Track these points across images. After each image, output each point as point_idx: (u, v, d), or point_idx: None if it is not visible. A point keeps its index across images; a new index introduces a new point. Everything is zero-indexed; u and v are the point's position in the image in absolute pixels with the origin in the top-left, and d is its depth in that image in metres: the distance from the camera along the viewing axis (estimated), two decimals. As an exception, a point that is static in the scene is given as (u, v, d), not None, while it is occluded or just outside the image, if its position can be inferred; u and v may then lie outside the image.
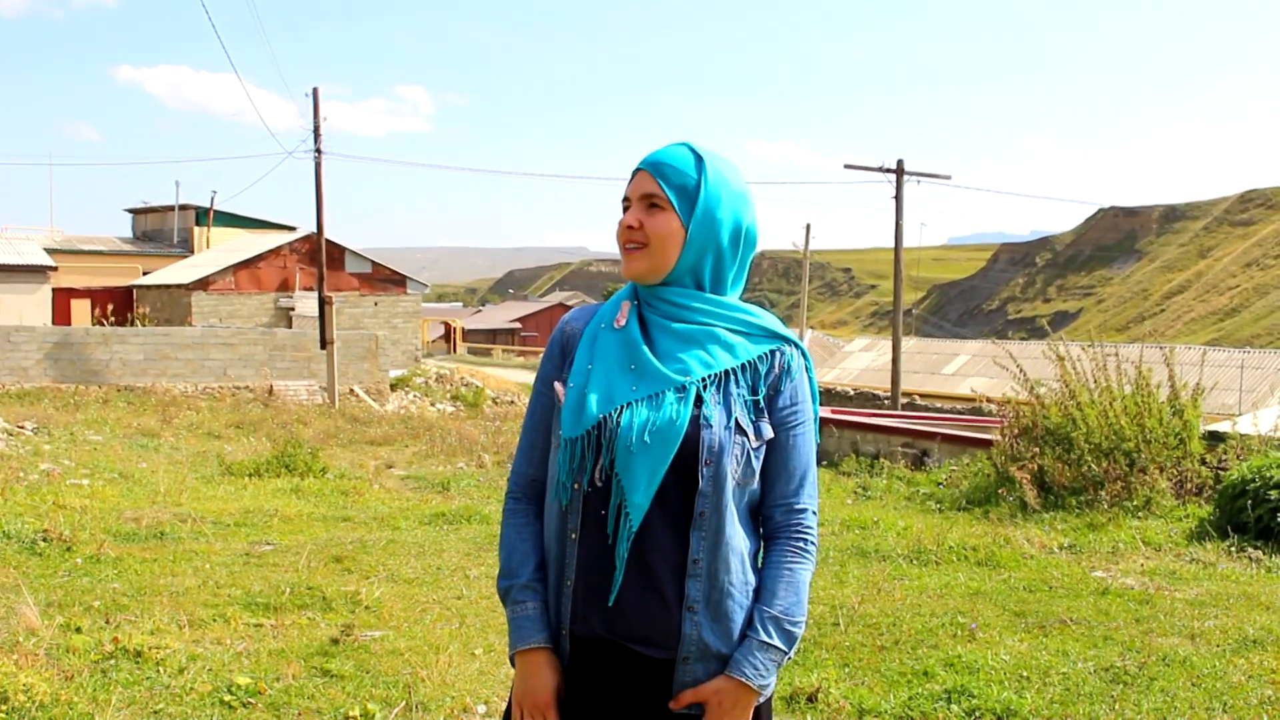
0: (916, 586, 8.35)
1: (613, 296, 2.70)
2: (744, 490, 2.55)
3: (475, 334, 79.66)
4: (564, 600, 2.57)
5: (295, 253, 43.37)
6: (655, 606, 2.50)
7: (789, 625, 2.54)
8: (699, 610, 2.50)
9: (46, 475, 13.41)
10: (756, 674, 2.51)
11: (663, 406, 2.48)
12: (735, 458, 2.51)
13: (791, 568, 2.57)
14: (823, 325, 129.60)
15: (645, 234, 2.56)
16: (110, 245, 54.61)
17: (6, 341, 27.51)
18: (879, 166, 34.02)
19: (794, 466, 2.60)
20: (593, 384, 2.55)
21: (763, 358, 2.59)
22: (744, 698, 2.52)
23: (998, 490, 12.59)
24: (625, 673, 2.54)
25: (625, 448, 2.47)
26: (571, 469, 2.53)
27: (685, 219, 2.57)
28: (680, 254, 2.58)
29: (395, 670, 6.11)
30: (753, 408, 2.56)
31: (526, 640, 2.58)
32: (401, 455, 19.24)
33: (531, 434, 2.70)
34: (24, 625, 6.42)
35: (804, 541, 2.60)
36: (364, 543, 9.93)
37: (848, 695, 5.78)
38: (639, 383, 2.52)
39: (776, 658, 2.53)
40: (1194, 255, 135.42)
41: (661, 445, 2.46)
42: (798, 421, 2.61)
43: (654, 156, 2.60)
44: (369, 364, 32.35)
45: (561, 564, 2.57)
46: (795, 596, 2.56)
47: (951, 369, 41.12)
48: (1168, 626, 7.19)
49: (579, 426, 2.51)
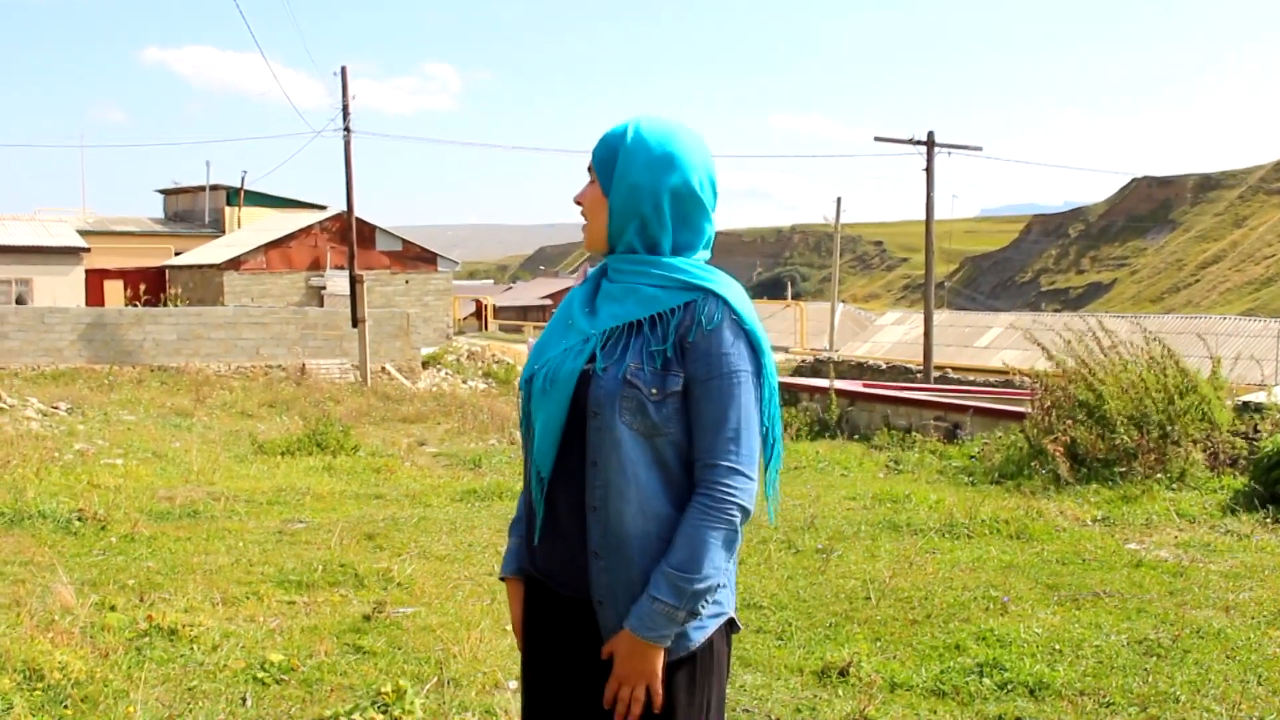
0: (948, 560, 8.32)
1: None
2: (650, 441, 2.58)
3: (506, 311, 79.65)
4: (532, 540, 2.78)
5: (326, 231, 43.49)
6: (563, 549, 2.67)
7: (680, 581, 2.53)
8: (602, 555, 2.60)
9: (81, 455, 13.51)
10: (643, 626, 2.54)
11: (563, 360, 2.63)
12: (627, 409, 2.55)
13: (697, 525, 2.55)
14: (855, 299, 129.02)
15: (584, 207, 2.75)
16: (142, 226, 54.85)
17: (41, 323, 27.69)
18: (909, 139, 33.82)
19: (709, 421, 2.58)
20: (539, 341, 2.76)
21: (675, 309, 2.61)
22: (636, 649, 2.56)
23: (1030, 463, 12.52)
24: (556, 610, 2.72)
25: (533, 399, 2.68)
26: (521, 419, 2.78)
27: (605, 188, 2.70)
28: (608, 222, 2.70)
29: (427, 646, 6.14)
30: (659, 358, 2.58)
31: (503, 570, 2.91)
32: (433, 433, 19.30)
33: None
34: (60, 604, 6.48)
35: (711, 498, 2.56)
36: (396, 520, 9.97)
37: (879, 669, 5.77)
38: (566, 338, 2.68)
39: (665, 611, 2.54)
40: (1229, 224, 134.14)
41: (554, 396, 2.61)
42: (713, 374, 2.58)
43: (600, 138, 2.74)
44: (400, 342, 32.43)
45: (529, 507, 2.77)
46: (690, 552, 2.54)
47: (984, 342, 40.91)
48: (1202, 599, 7.14)
49: (521, 380, 2.77)
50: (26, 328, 27.44)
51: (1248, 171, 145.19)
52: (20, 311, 28.81)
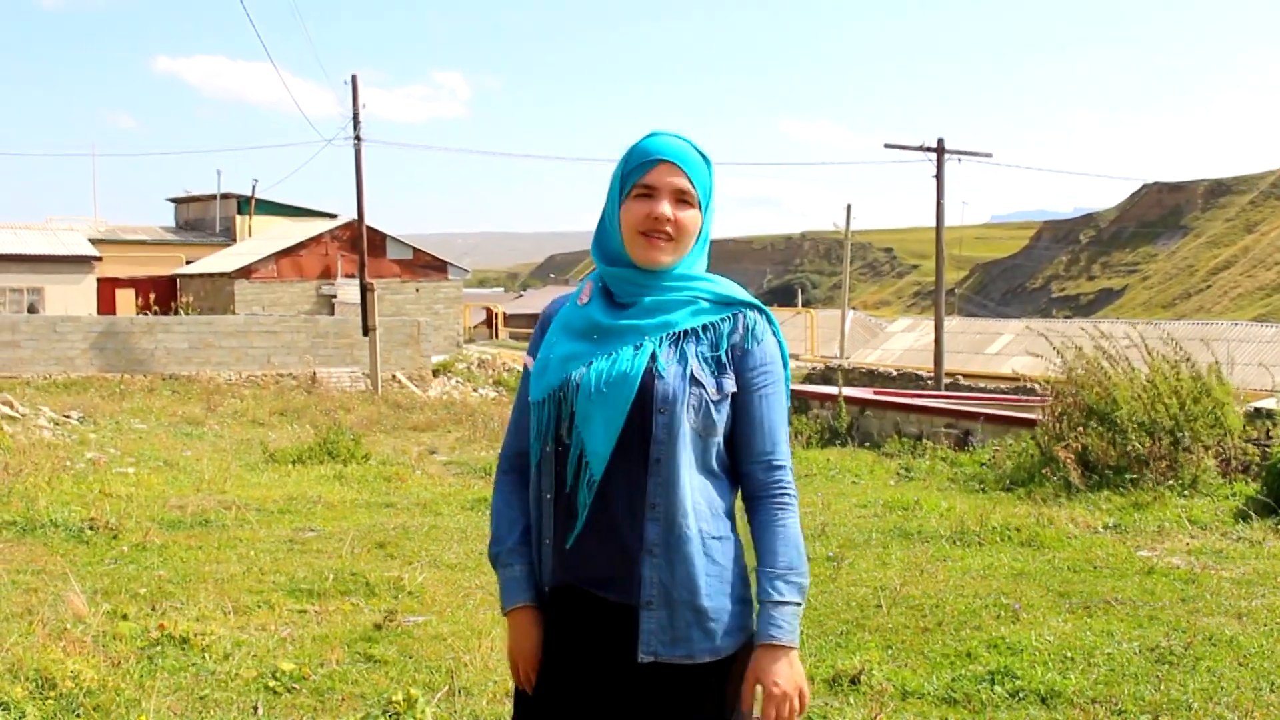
0: (960, 568, 8.31)
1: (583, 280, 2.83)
2: (706, 441, 2.67)
3: (517, 319, 79.72)
4: (545, 558, 2.72)
5: (336, 240, 43.54)
6: (614, 550, 2.63)
7: (795, 578, 2.66)
8: (658, 553, 2.61)
9: (93, 464, 13.53)
10: (782, 632, 2.62)
11: (618, 361, 2.63)
12: (692, 407, 2.63)
13: (785, 523, 2.70)
14: (865, 306, 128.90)
15: (676, 228, 2.68)
16: (153, 235, 55.04)
17: (53, 331, 27.75)
18: (919, 145, 33.79)
19: (769, 425, 2.73)
20: (555, 351, 2.70)
21: (725, 319, 2.72)
22: (782, 656, 2.62)
23: (1042, 470, 12.49)
24: (591, 619, 2.67)
25: (585, 400, 2.61)
26: (540, 431, 2.68)
27: (704, 209, 2.75)
28: (694, 242, 2.75)
29: (438, 655, 6.14)
30: (714, 363, 2.68)
31: (513, 601, 2.75)
32: (444, 441, 19.31)
33: (518, 411, 2.85)
34: (72, 612, 6.49)
35: (787, 496, 2.73)
36: (406, 528, 9.99)
37: (891, 677, 5.77)
38: (598, 346, 2.66)
39: (793, 610, 2.65)
40: (1240, 230, 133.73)
41: (616, 394, 2.60)
42: (768, 382, 2.73)
43: (677, 152, 2.70)
44: (411, 350, 32.47)
45: (540, 524, 2.73)
46: (794, 550, 2.68)
47: (995, 348, 40.83)
48: (1214, 606, 7.12)
49: (543, 390, 2.67)
50: (38, 336, 27.50)
51: (1259, 177, 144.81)
52: (32, 320, 28.91)
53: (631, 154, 2.72)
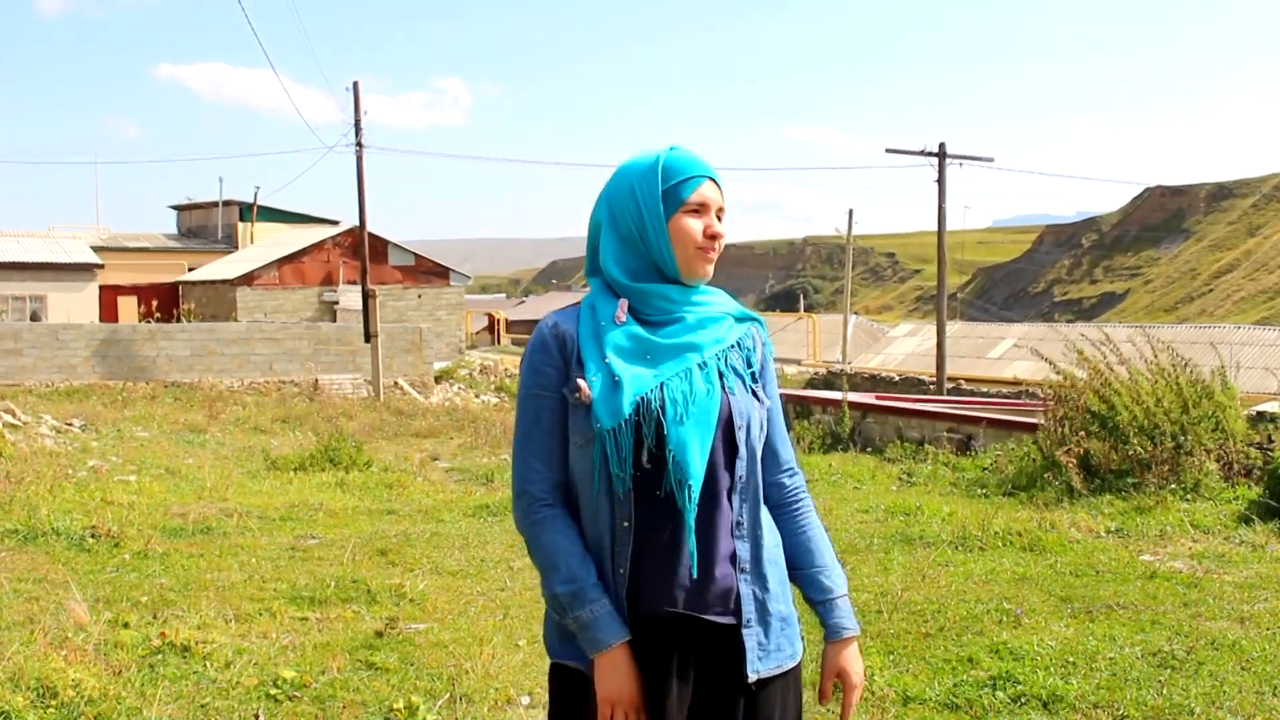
0: (961, 573, 8.30)
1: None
2: (758, 454, 2.72)
3: (519, 325, 79.66)
4: (619, 589, 2.60)
5: (338, 246, 43.62)
6: (715, 572, 2.62)
7: (840, 573, 2.87)
8: (749, 570, 2.66)
9: (94, 472, 13.54)
10: (851, 622, 2.82)
11: (693, 382, 2.62)
12: (760, 422, 2.71)
13: (816, 524, 2.88)
14: (867, 311, 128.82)
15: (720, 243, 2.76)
16: (156, 242, 55.11)
17: (55, 339, 27.79)
18: (921, 150, 33.78)
19: (783, 433, 2.87)
20: (618, 374, 2.60)
21: (746, 334, 2.79)
22: (854, 646, 2.83)
23: (1043, 474, 12.48)
24: (696, 646, 2.63)
25: (675, 424, 2.57)
26: (618, 458, 2.56)
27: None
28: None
29: (439, 662, 6.14)
30: (752, 378, 2.76)
31: (611, 638, 2.56)
32: (446, 447, 19.31)
33: (547, 439, 2.67)
34: (73, 621, 6.50)
35: (808, 498, 2.90)
36: (408, 535, 9.99)
37: (892, 683, 5.76)
38: (659, 367, 2.63)
39: (849, 601, 2.85)
40: (1243, 233, 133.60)
41: (705, 415, 2.59)
42: (776, 393, 2.85)
43: (713, 170, 2.76)
44: (413, 356, 32.48)
45: (612, 554, 2.61)
46: (830, 547, 2.88)
47: (997, 352, 40.84)
48: (1216, 610, 7.11)
49: (616, 416, 2.56)
50: (40, 344, 27.54)
51: (1261, 180, 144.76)
52: (34, 328, 28.93)
53: (668, 170, 2.71)
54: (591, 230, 2.81)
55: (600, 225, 2.76)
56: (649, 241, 2.69)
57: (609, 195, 2.75)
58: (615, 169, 2.80)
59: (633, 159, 2.78)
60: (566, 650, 2.67)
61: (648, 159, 2.74)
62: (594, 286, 2.76)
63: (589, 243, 2.82)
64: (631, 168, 2.74)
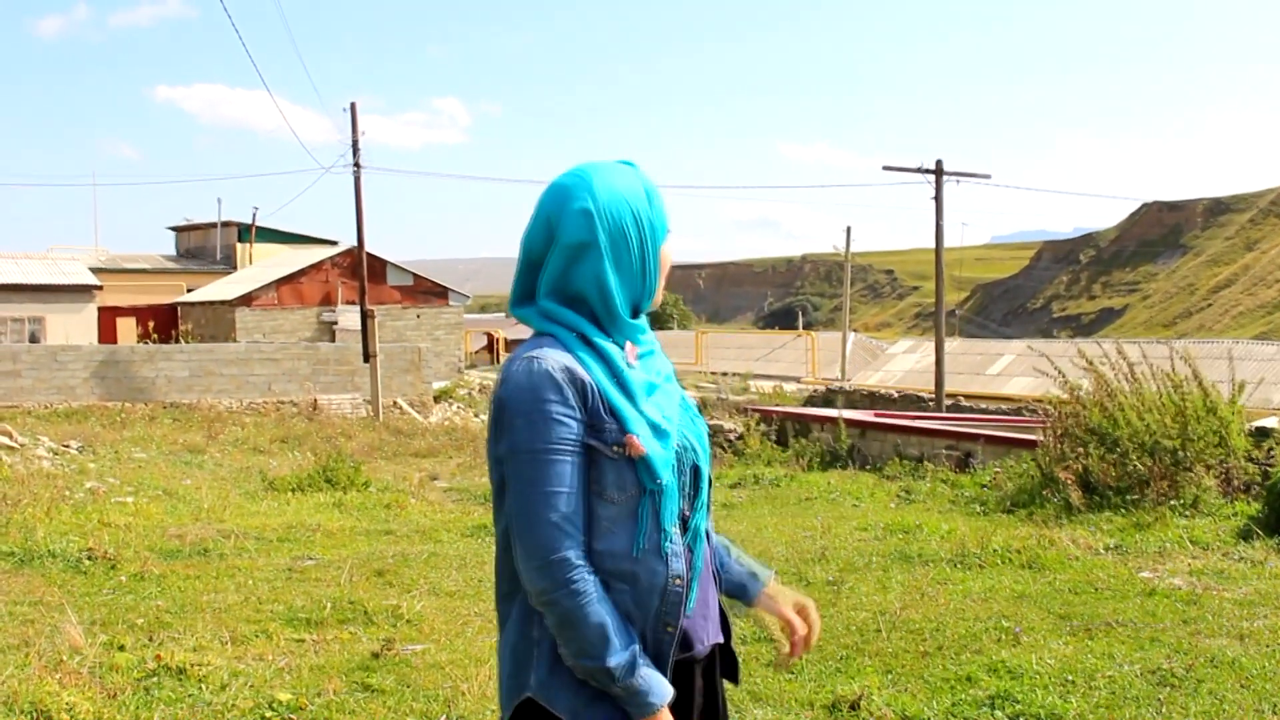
0: (960, 591, 8.28)
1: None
2: None
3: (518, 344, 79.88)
4: (665, 647, 2.46)
5: (337, 267, 43.63)
6: (710, 603, 2.64)
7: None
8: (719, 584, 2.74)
9: (92, 493, 13.51)
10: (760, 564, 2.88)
11: (690, 416, 2.60)
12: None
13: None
14: (866, 328, 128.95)
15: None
16: (154, 263, 55.17)
17: (54, 361, 27.78)
18: (918, 167, 33.85)
19: None
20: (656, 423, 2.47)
21: None
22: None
23: (1042, 491, 12.46)
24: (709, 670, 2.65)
25: (700, 466, 2.56)
26: (672, 512, 2.46)
27: None
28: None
29: (436, 684, 6.12)
30: None
31: (661, 699, 2.38)
32: (445, 467, 19.29)
33: (576, 498, 2.38)
34: (68, 643, 6.47)
35: None
36: (406, 556, 9.96)
37: (890, 702, 5.73)
38: (669, 407, 2.55)
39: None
40: (1240, 248, 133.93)
41: (706, 450, 2.60)
42: None
43: None
44: (412, 376, 32.47)
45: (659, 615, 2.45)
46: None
47: (996, 369, 40.80)
48: (1216, 627, 7.09)
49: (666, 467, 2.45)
50: (39, 366, 27.54)
51: (1258, 195, 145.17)
52: (33, 350, 28.93)
53: (652, 195, 2.52)
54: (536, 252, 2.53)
55: (574, 248, 2.46)
56: (648, 272, 2.51)
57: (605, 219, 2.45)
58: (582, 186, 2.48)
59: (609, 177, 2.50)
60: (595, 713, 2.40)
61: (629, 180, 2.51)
62: (566, 319, 2.50)
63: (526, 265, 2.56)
64: (625, 191, 2.48)
